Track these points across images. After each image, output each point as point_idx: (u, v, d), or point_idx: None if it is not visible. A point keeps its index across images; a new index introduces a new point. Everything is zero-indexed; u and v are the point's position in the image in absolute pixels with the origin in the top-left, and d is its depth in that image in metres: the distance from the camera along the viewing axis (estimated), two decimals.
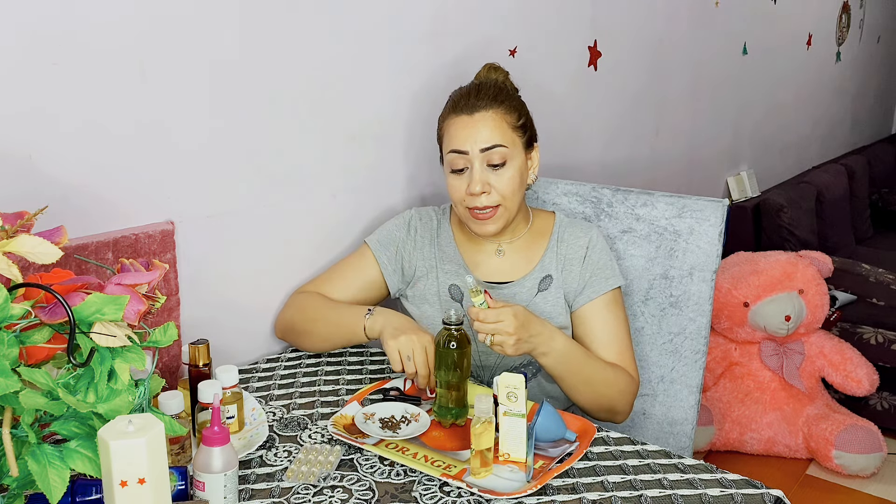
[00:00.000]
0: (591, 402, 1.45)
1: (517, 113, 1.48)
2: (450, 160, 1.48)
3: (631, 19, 2.65)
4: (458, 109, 1.47)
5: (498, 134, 1.44)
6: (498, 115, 1.45)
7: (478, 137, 1.44)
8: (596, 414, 1.48)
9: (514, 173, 1.46)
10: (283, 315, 1.62)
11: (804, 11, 4.09)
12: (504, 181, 1.45)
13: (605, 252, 1.55)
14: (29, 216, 0.97)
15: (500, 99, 1.47)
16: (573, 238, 1.55)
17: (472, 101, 1.46)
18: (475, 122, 1.45)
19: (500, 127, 1.45)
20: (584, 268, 1.53)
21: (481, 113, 1.45)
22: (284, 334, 1.63)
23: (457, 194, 1.48)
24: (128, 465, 0.83)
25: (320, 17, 1.63)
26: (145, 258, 1.33)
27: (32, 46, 1.22)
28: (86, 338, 0.89)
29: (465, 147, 1.44)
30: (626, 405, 1.49)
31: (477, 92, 1.48)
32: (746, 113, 3.66)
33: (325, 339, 1.56)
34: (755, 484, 1.17)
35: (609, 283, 1.52)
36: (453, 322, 1.31)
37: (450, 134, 1.48)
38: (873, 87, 5.37)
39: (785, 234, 3.48)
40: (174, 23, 1.39)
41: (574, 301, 1.53)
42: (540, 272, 1.54)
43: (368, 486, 1.16)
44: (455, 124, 1.47)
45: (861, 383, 2.68)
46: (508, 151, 1.45)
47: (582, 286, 1.52)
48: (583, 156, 2.55)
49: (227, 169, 1.53)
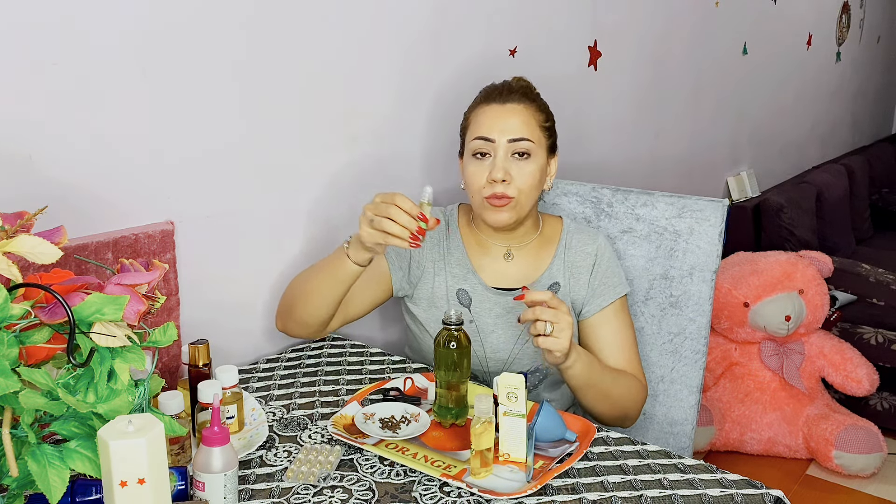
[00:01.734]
0: (608, 410, 1.45)
1: (546, 114, 1.50)
2: (474, 146, 1.46)
3: (631, 19, 2.65)
4: (490, 99, 1.48)
5: (527, 128, 1.45)
6: (529, 110, 1.47)
7: (506, 127, 1.44)
8: (609, 421, 1.47)
9: (535, 169, 1.45)
10: (280, 303, 1.56)
11: (804, 11, 4.09)
12: (525, 174, 1.44)
13: (612, 260, 1.55)
14: (29, 216, 0.97)
15: (532, 97, 1.49)
16: (581, 245, 1.55)
17: (504, 93, 1.47)
18: (506, 111, 1.45)
19: (529, 123, 1.46)
20: (593, 277, 1.53)
21: (513, 105, 1.46)
22: (284, 321, 1.55)
23: (476, 181, 1.45)
24: (128, 465, 0.83)
25: (320, 17, 1.63)
26: (145, 258, 1.33)
27: (32, 46, 1.22)
28: (86, 338, 0.89)
29: (493, 135, 1.44)
30: (637, 411, 1.50)
31: (510, 87, 1.49)
32: (746, 113, 3.66)
33: (320, 292, 1.46)
34: (755, 484, 1.17)
35: (617, 292, 1.53)
36: (453, 322, 1.30)
37: (478, 122, 1.47)
38: (873, 87, 5.37)
39: (785, 234, 3.48)
40: (175, 23, 1.39)
41: (582, 310, 1.53)
42: (548, 279, 1.53)
43: (368, 487, 1.16)
44: (485, 112, 1.47)
45: (861, 383, 2.68)
46: (534, 146, 1.45)
47: (590, 296, 1.52)
48: (583, 156, 2.55)
49: (227, 169, 1.53)
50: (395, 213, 1.27)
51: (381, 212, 1.28)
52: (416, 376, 1.46)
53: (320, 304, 1.47)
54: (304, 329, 1.53)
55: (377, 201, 1.30)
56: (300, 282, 1.52)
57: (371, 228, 1.30)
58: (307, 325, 1.51)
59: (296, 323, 1.52)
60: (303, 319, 1.50)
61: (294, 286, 1.53)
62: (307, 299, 1.48)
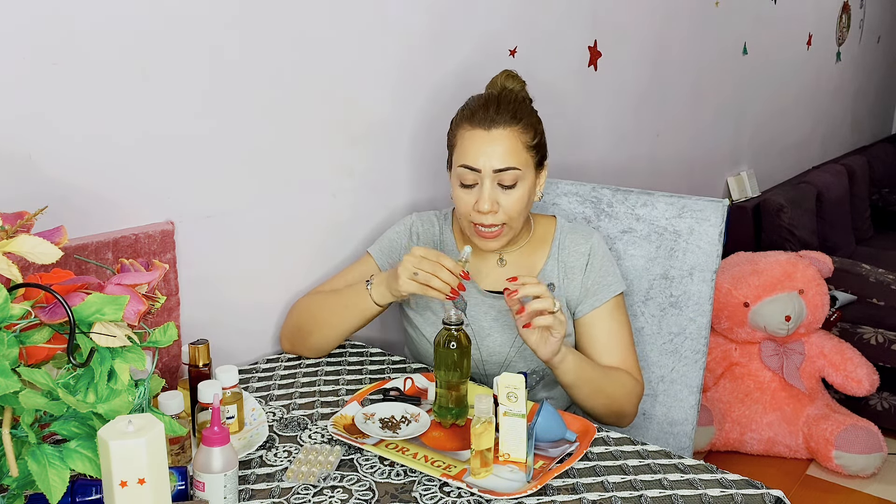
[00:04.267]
0: (602, 407, 1.45)
1: (533, 131, 1.45)
2: (460, 174, 1.44)
3: (631, 19, 2.65)
4: (475, 122, 1.42)
5: (513, 156, 1.41)
6: (515, 133, 1.42)
7: (492, 156, 1.40)
8: (605, 419, 1.48)
9: (524, 194, 1.44)
10: (287, 323, 1.60)
11: (804, 11, 4.09)
12: (512, 202, 1.43)
13: (606, 259, 1.54)
14: (29, 216, 0.97)
15: (519, 116, 1.43)
16: (574, 245, 1.54)
17: (490, 114, 1.42)
18: (492, 139, 1.41)
19: (516, 148, 1.42)
20: (587, 276, 1.52)
21: (499, 130, 1.41)
22: (293, 343, 1.59)
23: (464, 207, 1.45)
24: (128, 465, 0.83)
25: (321, 17, 1.63)
26: (145, 258, 1.33)
27: (32, 46, 1.22)
28: (86, 338, 0.89)
29: (478, 165, 1.41)
30: (633, 408, 1.49)
31: (497, 105, 1.43)
32: (746, 113, 3.66)
33: (337, 324, 1.52)
34: (755, 484, 1.17)
35: (612, 290, 1.52)
36: (453, 322, 1.31)
37: (463, 147, 1.44)
38: (873, 87, 5.37)
39: (785, 234, 3.48)
40: (175, 23, 1.39)
41: (577, 309, 1.53)
42: (542, 280, 1.53)
43: (368, 487, 1.16)
44: (470, 138, 1.43)
45: (861, 383, 2.68)
46: (521, 173, 1.42)
47: (584, 295, 1.52)
48: (583, 156, 2.55)
49: (227, 169, 1.53)
50: (441, 271, 1.35)
51: (425, 268, 1.35)
52: (416, 376, 1.46)
53: (337, 335, 1.55)
54: (315, 354, 1.60)
55: (419, 255, 1.36)
56: (313, 310, 1.56)
57: (413, 281, 1.36)
58: (319, 350, 1.59)
59: (308, 349, 1.59)
60: (316, 347, 1.58)
61: (305, 314, 1.57)
62: (323, 330, 1.55)
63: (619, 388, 1.46)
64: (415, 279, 1.36)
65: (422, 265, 1.35)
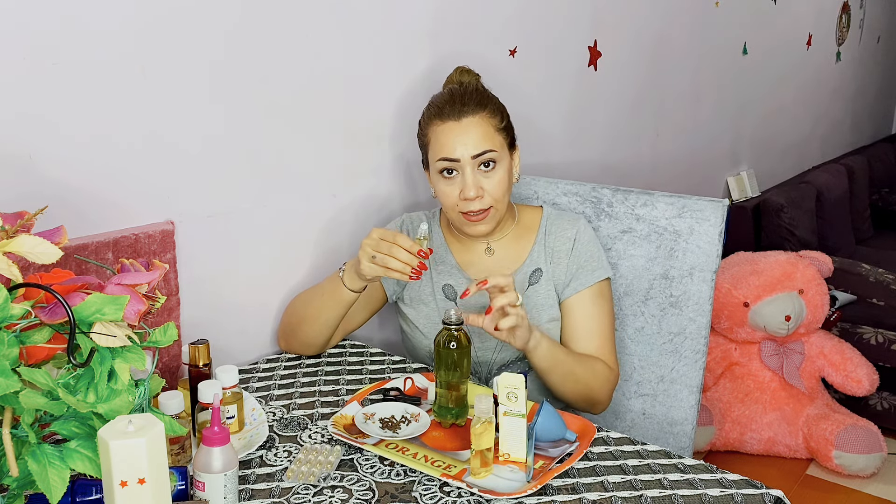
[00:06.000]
0: (573, 393, 1.48)
1: (500, 114, 1.50)
2: (440, 166, 1.48)
3: (631, 19, 2.65)
4: (445, 116, 1.47)
5: (487, 140, 1.46)
6: (484, 119, 1.47)
7: (467, 143, 1.45)
8: (577, 405, 1.51)
9: (504, 174, 1.48)
10: (281, 322, 1.63)
11: (804, 11, 4.09)
12: (495, 183, 1.47)
13: (592, 243, 1.56)
14: (29, 216, 0.97)
15: (484, 103, 1.49)
16: (560, 230, 1.57)
17: (458, 106, 1.47)
18: (464, 128, 1.45)
19: (488, 132, 1.46)
20: (572, 259, 1.54)
21: (469, 118, 1.46)
22: (287, 341, 1.61)
23: (449, 200, 1.48)
24: (128, 465, 0.83)
25: (320, 17, 1.63)
26: (145, 258, 1.33)
27: (32, 46, 1.22)
28: (86, 338, 0.89)
29: (456, 154, 1.45)
30: (606, 395, 1.52)
31: (462, 97, 1.48)
32: (746, 113, 3.66)
33: (320, 316, 1.53)
34: (755, 484, 1.17)
35: (596, 275, 1.54)
36: (453, 322, 1.31)
37: (438, 142, 1.47)
38: (873, 87, 5.37)
39: (785, 234, 3.48)
40: (175, 23, 1.39)
41: (562, 292, 1.55)
42: (529, 266, 1.55)
43: (368, 487, 1.16)
44: (443, 131, 1.47)
45: (861, 383, 2.68)
46: (497, 154, 1.47)
47: (569, 278, 1.54)
48: (583, 156, 2.55)
49: (227, 169, 1.53)
50: (397, 251, 1.34)
51: (382, 250, 1.35)
52: (416, 376, 1.46)
53: (322, 326, 1.55)
54: (309, 349, 1.60)
55: (376, 238, 1.37)
56: (300, 306, 1.58)
57: (372, 264, 1.36)
58: (311, 345, 1.59)
59: (300, 344, 1.60)
60: (307, 341, 1.58)
61: (294, 310, 1.59)
62: (309, 323, 1.56)
63: (592, 374, 1.48)
64: (374, 262, 1.36)
65: (379, 247, 1.36)
